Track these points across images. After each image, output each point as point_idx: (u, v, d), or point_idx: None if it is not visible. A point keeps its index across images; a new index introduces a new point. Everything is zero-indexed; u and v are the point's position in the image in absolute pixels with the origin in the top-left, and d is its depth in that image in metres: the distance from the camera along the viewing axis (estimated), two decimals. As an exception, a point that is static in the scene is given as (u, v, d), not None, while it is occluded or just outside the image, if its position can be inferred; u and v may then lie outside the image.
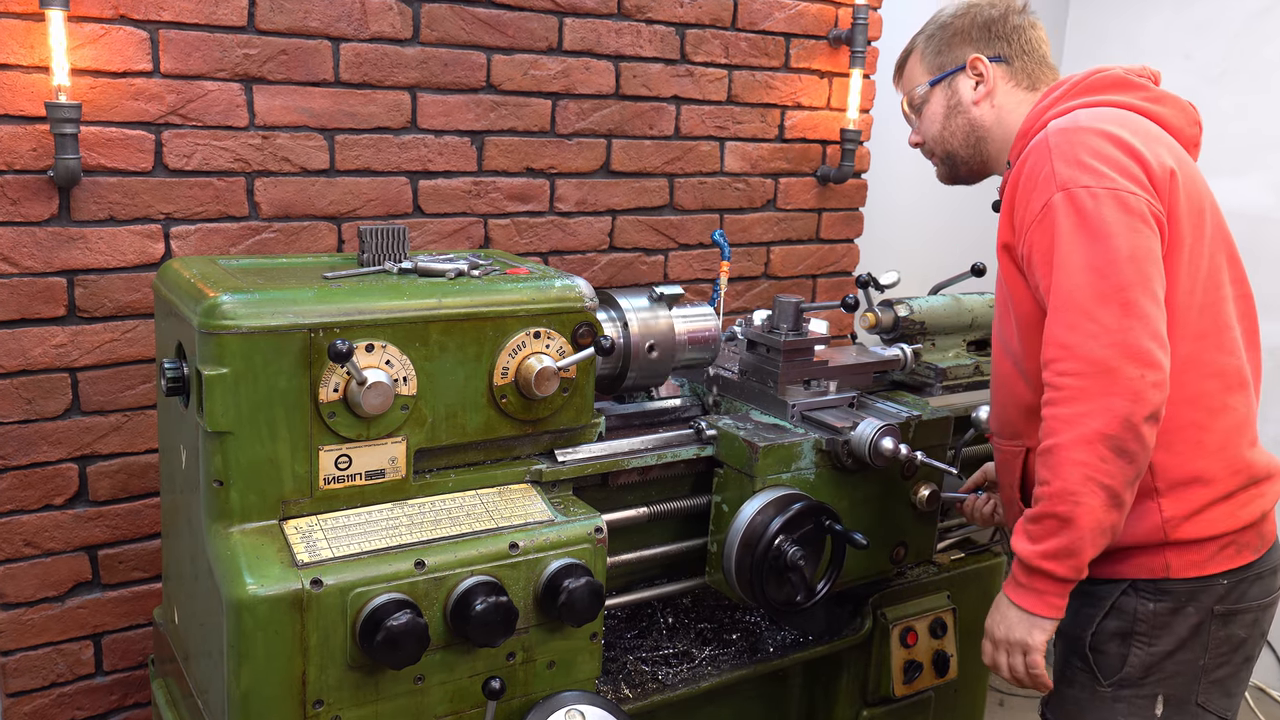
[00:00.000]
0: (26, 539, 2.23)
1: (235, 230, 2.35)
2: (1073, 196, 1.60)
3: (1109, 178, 1.59)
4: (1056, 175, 1.62)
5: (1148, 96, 1.78)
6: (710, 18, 2.90)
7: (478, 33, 2.55)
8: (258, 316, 1.51)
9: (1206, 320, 1.68)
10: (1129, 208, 1.58)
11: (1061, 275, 1.59)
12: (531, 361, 1.70)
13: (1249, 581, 1.75)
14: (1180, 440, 1.67)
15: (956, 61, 1.93)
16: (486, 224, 2.66)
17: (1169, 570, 1.70)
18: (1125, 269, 1.55)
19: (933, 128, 1.98)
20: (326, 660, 1.51)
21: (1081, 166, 1.61)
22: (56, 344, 2.20)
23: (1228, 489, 1.69)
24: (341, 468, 1.60)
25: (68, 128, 2.06)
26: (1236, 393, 1.70)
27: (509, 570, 1.63)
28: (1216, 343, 1.69)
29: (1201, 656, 1.73)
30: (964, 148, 1.95)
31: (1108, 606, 1.75)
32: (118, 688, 2.40)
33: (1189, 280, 1.66)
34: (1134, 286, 1.55)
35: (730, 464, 1.96)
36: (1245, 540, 1.73)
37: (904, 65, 2.04)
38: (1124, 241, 1.56)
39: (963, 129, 1.94)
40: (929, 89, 1.97)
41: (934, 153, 2.02)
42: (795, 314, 2.13)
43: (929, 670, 2.26)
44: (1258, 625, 1.78)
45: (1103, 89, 1.78)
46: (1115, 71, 1.80)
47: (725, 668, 2.05)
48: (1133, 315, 1.54)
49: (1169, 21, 3.69)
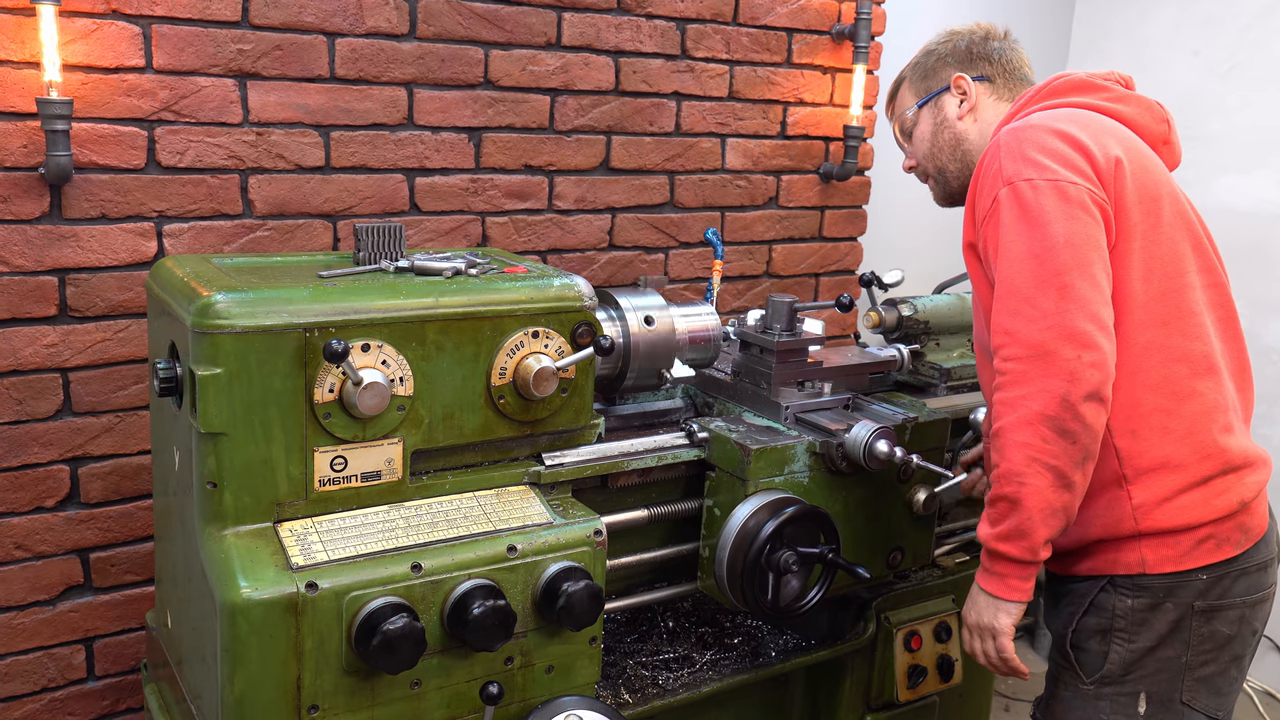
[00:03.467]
0: (17, 541, 2.22)
1: (229, 228, 2.33)
2: (1015, 190, 1.66)
3: (1049, 169, 1.66)
4: (1003, 171, 1.70)
5: (1109, 97, 1.85)
6: (711, 12, 2.88)
7: (475, 28, 2.53)
8: (252, 316, 1.49)
9: (1168, 307, 1.70)
10: (1067, 196, 1.64)
11: (1004, 264, 1.66)
12: (530, 361, 1.69)
13: (1232, 577, 1.73)
14: (1146, 426, 1.69)
15: (941, 83, 2.03)
16: (484, 222, 2.65)
17: (1145, 566, 1.71)
18: (1062, 254, 1.60)
19: (922, 147, 2.07)
20: (322, 665, 1.50)
21: (1025, 160, 1.68)
22: (48, 344, 2.18)
23: (1200, 475, 1.70)
24: (337, 469, 1.59)
25: (59, 124, 2.05)
26: (1205, 378, 1.71)
27: (507, 573, 1.62)
28: (1180, 328, 1.70)
29: (1184, 653, 1.73)
30: (952, 161, 2.03)
31: (1087, 604, 1.77)
32: (110, 693, 2.38)
33: (1143, 266, 1.69)
34: (1070, 271, 1.60)
35: (722, 467, 1.94)
36: (1224, 534, 1.71)
37: (895, 94, 2.14)
38: (1061, 228, 1.62)
39: (949, 143, 2.02)
40: (917, 111, 2.07)
41: (927, 173, 2.09)
42: (789, 314, 2.11)
43: (933, 675, 2.24)
44: (1245, 622, 1.76)
45: (1063, 92, 1.86)
46: (1077, 75, 1.88)
47: (726, 672, 2.03)
48: (1069, 299, 1.59)
49: (1176, 18, 3.67)
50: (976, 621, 1.76)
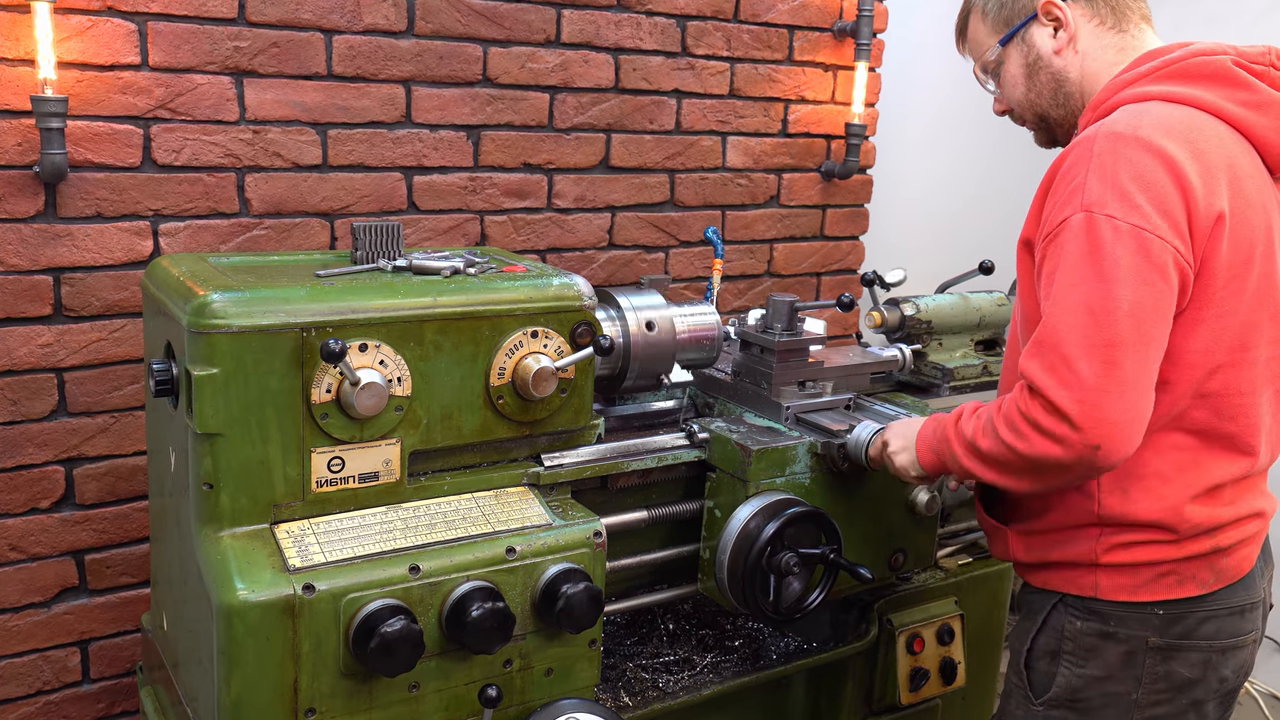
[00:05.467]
0: (12, 543, 2.20)
1: (225, 227, 2.31)
2: (1093, 223, 1.44)
3: (1139, 210, 1.43)
4: (1086, 190, 1.46)
5: (1246, 100, 1.56)
6: (712, 9, 2.86)
7: (474, 25, 2.51)
8: (248, 315, 1.49)
9: (1216, 382, 1.55)
10: (1149, 253, 1.42)
11: (1055, 307, 1.46)
12: (529, 361, 1.68)
13: (1197, 618, 1.61)
14: (1139, 489, 1.58)
15: (1026, 11, 1.70)
16: (483, 221, 2.63)
17: (1098, 590, 1.63)
18: (1122, 323, 1.41)
19: (1015, 92, 1.76)
20: (319, 667, 1.49)
21: (1115, 189, 1.44)
22: (42, 344, 2.16)
23: (1175, 536, 1.59)
24: (334, 470, 1.58)
25: (54, 122, 2.03)
26: (1221, 456, 1.58)
27: (506, 575, 1.61)
28: (1217, 406, 1.55)
29: (1134, 691, 1.63)
30: (1054, 107, 1.73)
31: (1040, 621, 1.70)
32: (105, 695, 2.37)
33: (1210, 337, 1.52)
34: (1126, 344, 1.41)
35: (723, 468, 1.93)
36: (1189, 571, 1.60)
37: (965, 27, 1.82)
38: (1129, 291, 1.41)
39: (1049, 87, 1.72)
40: (1000, 49, 1.75)
41: (1024, 119, 1.80)
42: (789, 313, 2.09)
43: (936, 678, 2.23)
44: (1211, 668, 1.63)
45: (1195, 78, 1.56)
46: (1219, 61, 1.56)
47: (727, 675, 2.02)
48: (1114, 376, 1.41)
49: (1178, 16, 3.66)
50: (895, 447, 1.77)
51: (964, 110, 3.36)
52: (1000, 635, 2.50)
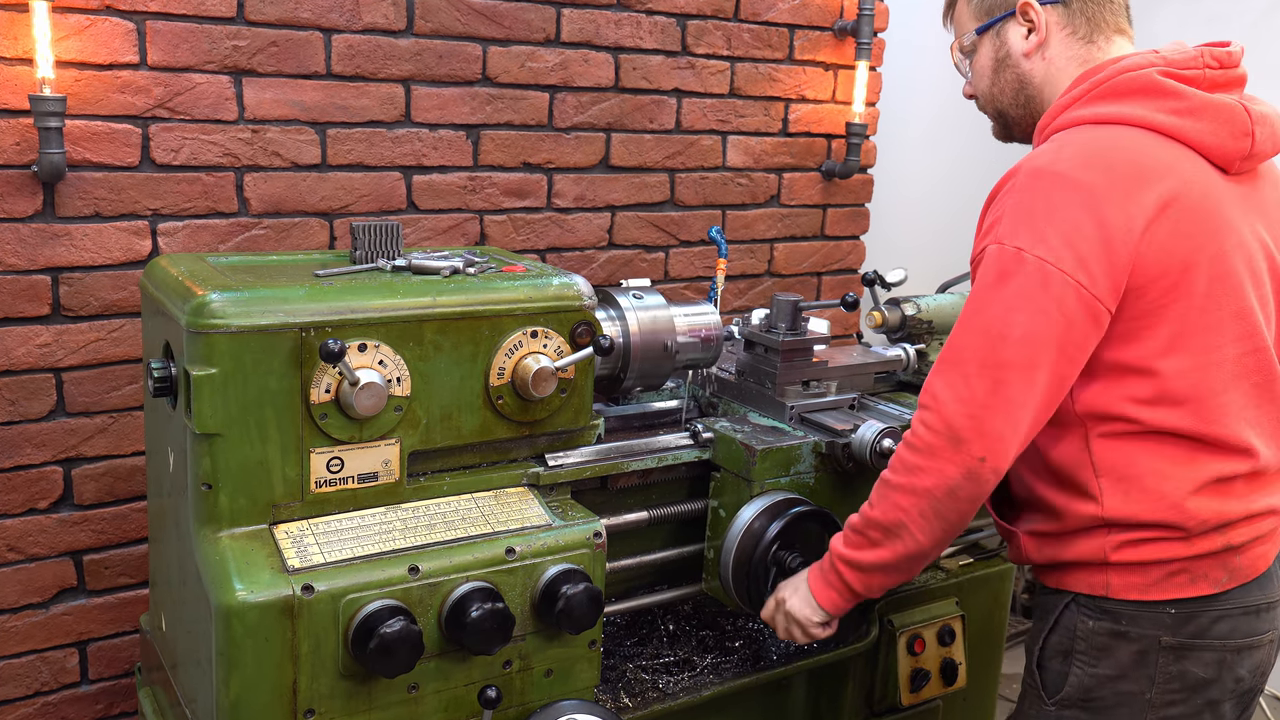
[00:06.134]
0: (10, 544, 2.20)
1: (224, 227, 2.31)
2: (1004, 254, 1.52)
3: (1047, 244, 1.49)
4: (1002, 223, 1.54)
5: (1177, 108, 1.58)
6: (712, 8, 2.86)
7: (473, 24, 2.51)
8: (247, 315, 1.48)
9: (1188, 384, 1.56)
10: (1048, 284, 1.49)
11: (959, 329, 1.56)
12: (529, 361, 1.67)
13: (1210, 617, 1.61)
14: (1139, 489, 1.59)
15: (1007, 5, 1.72)
16: (482, 220, 2.63)
17: (1109, 589, 1.63)
18: (1012, 348, 1.50)
19: (982, 82, 1.80)
20: (318, 668, 1.49)
21: (1027, 223, 1.51)
22: (40, 344, 2.15)
23: (1184, 534, 1.59)
24: (333, 470, 1.57)
25: (52, 121, 2.03)
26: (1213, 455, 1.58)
27: (505, 576, 1.61)
28: (1196, 410, 1.57)
29: (1147, 690, 1.62)
30: (1014, 106, 1.77)
31: (1052, 621, 1.70)
32: (103, 697, 2.36)
33: (1169, 343, 1.55)
34: (1013, 367, 1.50)
35: (727, 468, 1.93)
36: (1201, 570, 1.59)
37: (953, 3, 1.85)
38: (1023, 320, 1.49)
39: (1012, 85, 1.75)
40: (976, 38, 1.77)
41: (985, 109, 1.84)
42: (793, 313, 2.09)
43: (936, 679, 2.22)
44: (1226, 668, 1.62)
45: (1123, 94, 1.60)
46: (1144, 75, 1.59)
47: (727, 676, 2.02)
48: (999, 395, 1.50)
49: (1180, 15, 3.66)
50: (789, 610, 1.79)
51: (965, 110, 3.32)
52: (1001, 636, 2.50)
